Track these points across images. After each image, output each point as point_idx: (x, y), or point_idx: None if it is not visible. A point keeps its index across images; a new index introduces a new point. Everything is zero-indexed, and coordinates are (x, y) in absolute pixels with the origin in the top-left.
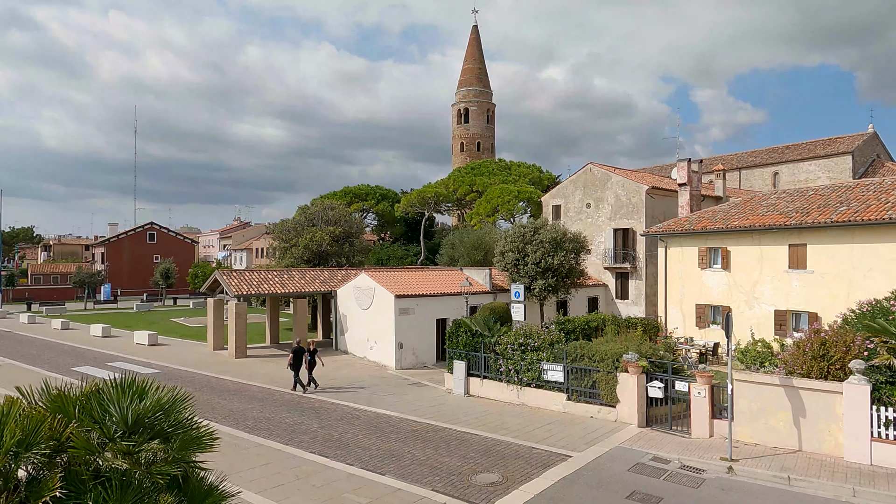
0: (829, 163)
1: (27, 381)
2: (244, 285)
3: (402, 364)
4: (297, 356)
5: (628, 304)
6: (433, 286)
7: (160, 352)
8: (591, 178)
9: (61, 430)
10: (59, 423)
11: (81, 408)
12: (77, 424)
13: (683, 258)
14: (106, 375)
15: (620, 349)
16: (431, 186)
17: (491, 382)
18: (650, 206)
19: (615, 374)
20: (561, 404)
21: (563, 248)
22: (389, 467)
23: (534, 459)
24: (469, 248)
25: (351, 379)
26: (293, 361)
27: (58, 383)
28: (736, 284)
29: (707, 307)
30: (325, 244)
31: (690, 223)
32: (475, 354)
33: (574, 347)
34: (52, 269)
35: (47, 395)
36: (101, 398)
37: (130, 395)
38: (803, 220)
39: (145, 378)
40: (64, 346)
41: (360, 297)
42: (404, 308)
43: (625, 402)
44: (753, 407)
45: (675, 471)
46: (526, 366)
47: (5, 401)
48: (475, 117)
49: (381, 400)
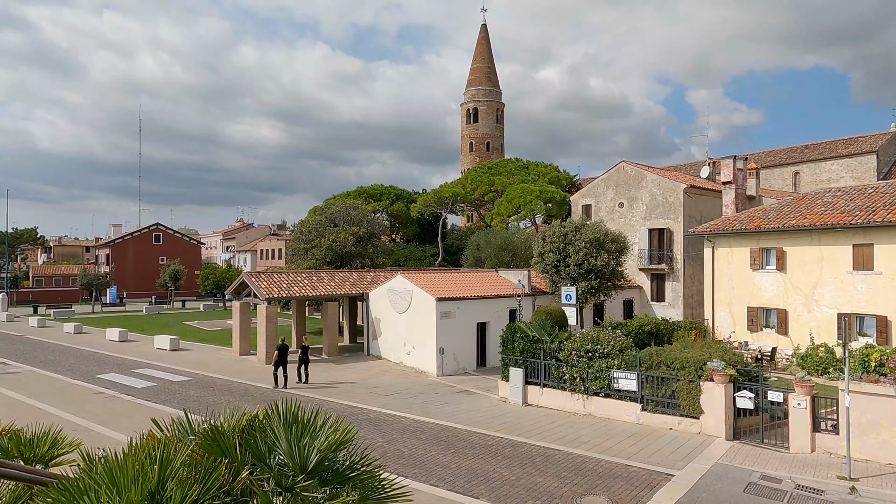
0: (853, 162)
1: (51, 389)
2: (274, 288)
3: (444, 370)
4: (282, 354)
5: (664, 307)
6: (472, 288)
7: (184, 357)
8: (625, 176)
9: (229, 479)
10: (228, 469)
11: (243, 446)
12: (248, 471)
13: (733, 259)
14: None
15: (703, 356)
16: (448, 186)
17: (552, 391)
18: (688, 206)
19: (698, 383)
20: (634, 415)
21: (606, 248)
22: (480, 489)
23: (634, 479)
24: (496, 248)
25: (394, 386)
26: (278, 359)
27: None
28: (793, 286)
29: (759, 310)
30: (350, 245)
31: (741, 222)
32: (534, 361)
33: (648, 354)
34: (54, 271)
35: (184, 427)
36: (263, 433)
37: (298, 428)
38: (870, 218)
39: (298, 404)
40: (82, 352)
41: (395, 300)
42: (445, 311)
43: (710, 413)
44: (863, 420)
45: (793, 492)
46: (594, 373)
47: (148, 439)
48: (484, 117)
49: (437, 410)
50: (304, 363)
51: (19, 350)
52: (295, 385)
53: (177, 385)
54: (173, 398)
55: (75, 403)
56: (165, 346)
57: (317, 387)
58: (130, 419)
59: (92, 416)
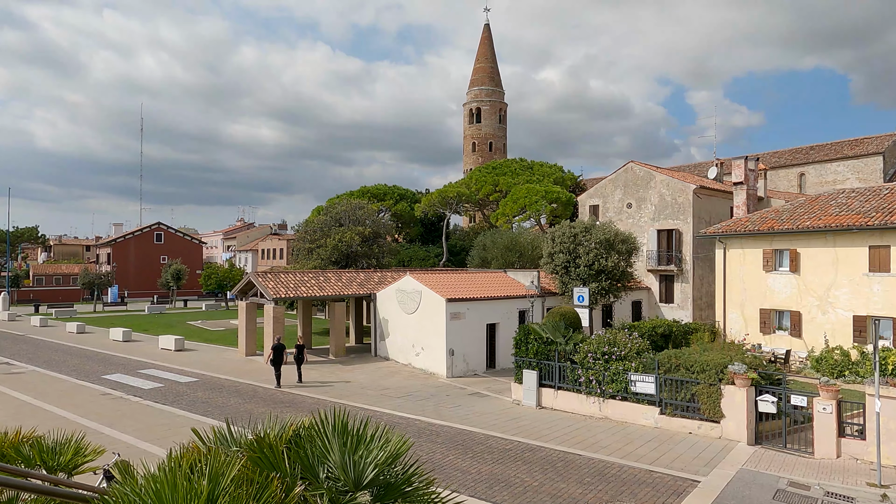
0: (859, 163)
1: (56, 390)
2: (281, 288)
3: (454, 372)
4: (278, 353)
5: (673, 308)
6: (482, 289)
7: (189, 358)
8: (633, 177)
9: (282, 495)
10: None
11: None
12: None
13: (745, 260)
14: (140, 384)
15: (724, 359)
16: (453, 186)
17: (567, 394)
18: (697, 207)
19: (719, 387)
20: (653, 419)
21: (616, 249)
22: (503, 495)
23: (659, 485)
24: (502, 249)
25: (404, 388)
26: (274, 357)
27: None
28: (807, 288)
29: (772, 312)
30: (356, 245)
31: (753, 223)
32: (548, 363)
33: (667, 357)
34: (54, 270)
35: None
36: (312, 444)
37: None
38: (887, 219)
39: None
40: (86, 352)
41: (404, 301)
42: (455, 312)
43: (731, 417)
44: (891, 425)
45: (823, 499)
46: (610, 376)
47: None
48: (487, 117)
49: (450, 412)
50: (300, 362)
51: (22, 350)
52: (294, 385)
53: (184, 386)
54: (181, 400)
55: (82, 405)
56: (170, 347)
57: (326, 388)
58: (138, 421)
59: (99, 418)
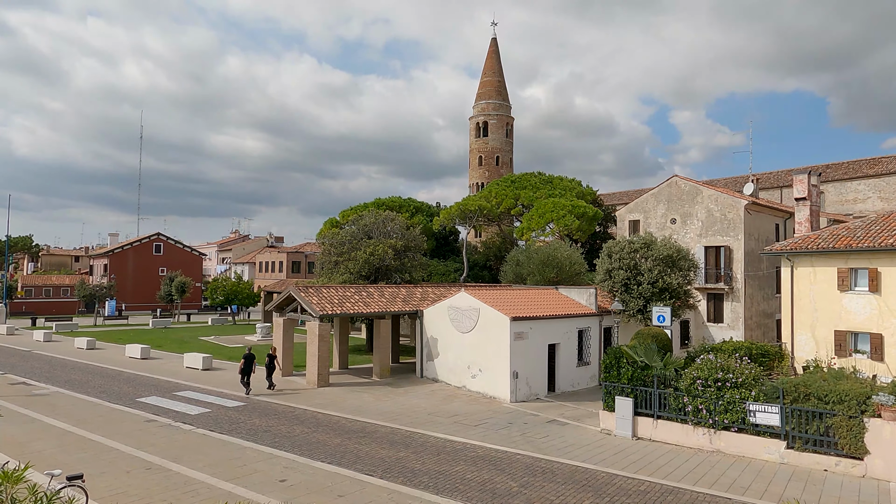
0: (881, 182)
1: (93, 415)
2: (326, 304)
3: (517, 396)
4: (248, 362)
5: (723, 328)
6: (541, 308)
7: (222, 378)
8: (677, 191)
9: None
10: None
11: None
12: None
13: (816, 279)
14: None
15: (864, 389)
16: (473, 199)
17: (668, 423)
18: (747, 223)
19: (861, 419)
20: (777, 454)
21: (678, 266)
22: None
23: None
24: (538, 264)
25: (474, 415)
26: (244, 367)
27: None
28: (888, 309)
29: (848, 333)
30: (389, 258)
31: (825, 240)
32: (644, 390)
33: (793, 385)
34: (44, 281)
35: None
36: None
37: None
38: None
39: None
40: (106, 370)
41: (458, 319)
42: (519, 332)
43: (877, 453)
44: None
45: None
46: (724, 405)
47: None
48: (494, 130)
49: (545, 444)
50: (270, 371)
51: (36, 368)
52: (265, 392)
53: (233, 412)
54: (239, 428)
55: (130, 434)
56: (197, 366)
57: (392, 415)
58: (204, 455)
59: (157, 451)
